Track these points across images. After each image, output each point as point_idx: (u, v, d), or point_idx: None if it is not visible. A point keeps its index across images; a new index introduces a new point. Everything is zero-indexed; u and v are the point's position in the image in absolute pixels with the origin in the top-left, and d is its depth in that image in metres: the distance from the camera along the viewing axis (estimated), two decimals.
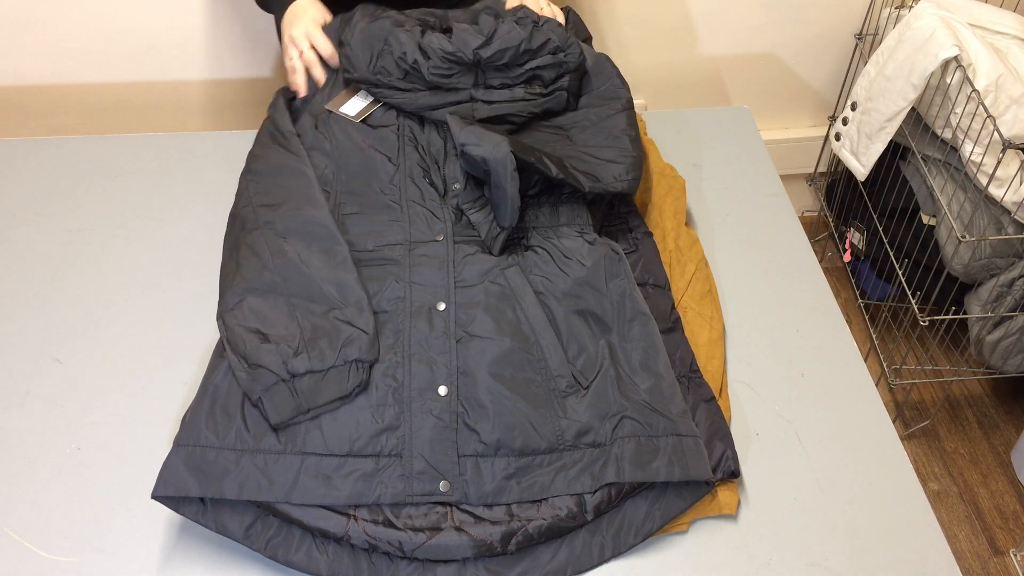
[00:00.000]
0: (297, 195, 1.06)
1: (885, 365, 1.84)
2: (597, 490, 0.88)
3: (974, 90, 1.40)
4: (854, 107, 1.63)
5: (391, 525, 0.86)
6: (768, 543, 0.90)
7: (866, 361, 1.07)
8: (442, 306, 0.97)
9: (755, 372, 1.06)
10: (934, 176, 1.63)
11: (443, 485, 0.87)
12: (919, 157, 1.63)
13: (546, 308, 0.98)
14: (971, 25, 1.50)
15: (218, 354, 0.96)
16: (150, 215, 1.25)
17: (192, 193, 1.29)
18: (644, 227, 1.12)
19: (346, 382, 0.91)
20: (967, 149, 1.47)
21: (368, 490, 0.86)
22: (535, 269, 1.01)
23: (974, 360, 1.78)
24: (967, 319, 1.69)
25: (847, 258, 1.90)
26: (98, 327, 1.10)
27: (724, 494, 0.92)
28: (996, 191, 1.48)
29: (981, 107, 1.40)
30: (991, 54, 1.43)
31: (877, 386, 1.10)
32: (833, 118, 1.94)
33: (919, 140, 1.63)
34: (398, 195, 1.08)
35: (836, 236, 1.99)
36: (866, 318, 1.95)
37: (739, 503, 0.93)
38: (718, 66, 1.82)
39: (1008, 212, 1.53)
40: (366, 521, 0.86)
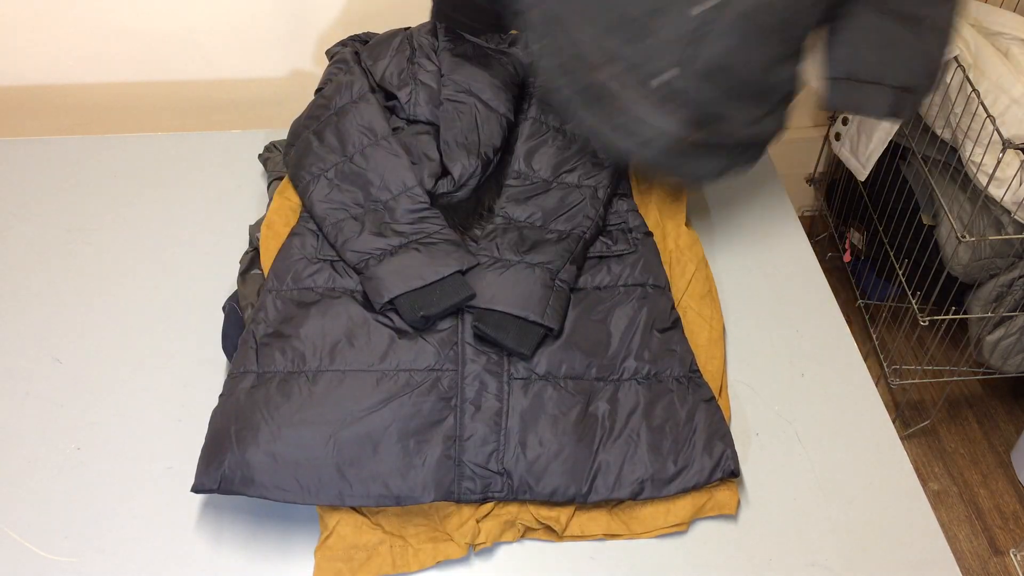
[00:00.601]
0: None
1: (885, 365, 1.84)
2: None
3: (974, 90, 1.40)
4: None
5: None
6: (768, 543, 0.90)
7: (866, 361, 1.07)
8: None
9: (755, 372, 1.06)
10: (934, 176, 1.63)
11: None
12: (919, 157, 1.63)
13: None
14: (971, 25, 1.50)
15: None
16: (150, 215, 1.25)
17: (192, 193, 1.29)
18: (644, 227, 1.12)
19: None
20: (967, 149, 1.47)
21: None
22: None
23: (974, 360, 1.78)
24: (967, 319, 1.69)
25: (847, 258, 1.91)
26: (98, 327, 1.10)
27: (724, 494, 0.92)
28: (996, 191, 1.48)
29: (981, 107, 1.40)
30: (991, 54, 1.43)
31: (877, 386, 1.10)
32: (833, 118, 1.94)
33: (919, 140, 1.63)
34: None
35: (836, 236, 1.99)
36: (866, 318, 1.95)
37: (739, 503, 0.93)
38: None
39: (1008, 212, 1.53)
40: None
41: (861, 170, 1.63)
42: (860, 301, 1.91)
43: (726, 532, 0.91)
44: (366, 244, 1.03)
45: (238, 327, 1.03)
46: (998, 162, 1.45)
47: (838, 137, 1.68)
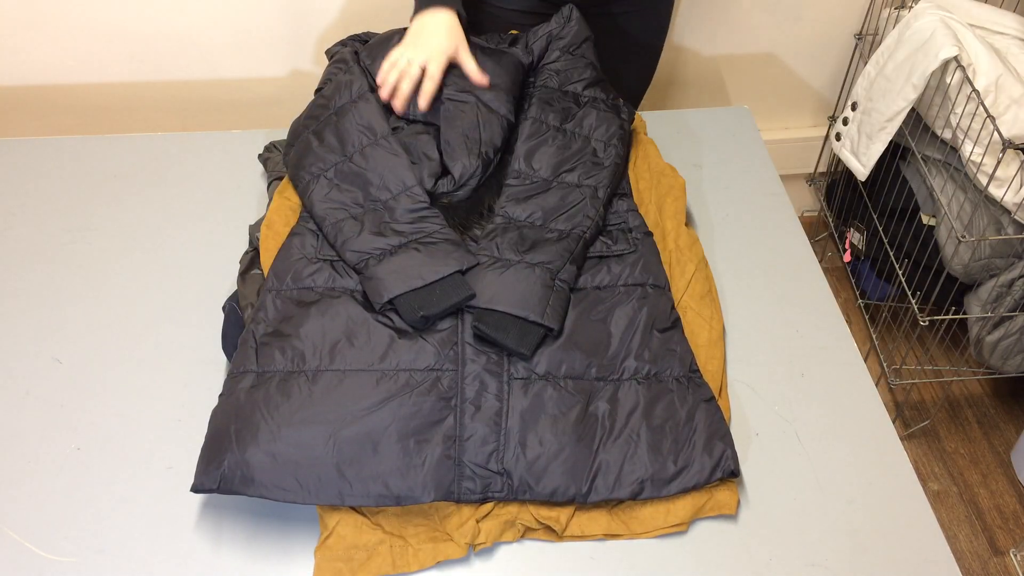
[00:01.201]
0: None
1: (885, 365, 1.84)
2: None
3: (974, 90, 1.40)
4: (854, 107, 1.63)
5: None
6: (768, 543, 0.90)
7: (866, 361, 1.07)
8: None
9: (755, 372, 1.06)
10: (934, 176, 1.63)
11: None
12: (919, 157, 1.63)
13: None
14: (971, 25, 1.50)
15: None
16: (150, 215, 1.25)
17: (192, 193, 1.29)
18: (644, 227, 1.12)
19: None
20: (967, 149, 1.47)
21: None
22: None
23: (974, 360, 1.78)
24: (967, 319, 1.69)
25: (847, 258, 1.90)
26: (98, 327, 1.10)
27: (724, 494, 0.92)
28: (996, 191, 1.48)
29: (981, 107, 1.40)
30: (991, 54, 1.43)
31: (877, 386, 1.10)
32: (833, 118, 1.94)
33: (919, 140, 1.63)
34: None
35: (836, 236, 1.99)
36: (866, 318, 1.95)
37: (739, 503, 0.93)
38: (718, 66, 1.82)
39: (1008, 212, 1.53)
40: None
41: (861, 170, 1.63)
42: (860, 301, 1.91)
43: (726, 532, 0.91)
44: (366, 244, 1.03)
45: (238, 327, 1.03)
46: (998, 162, 1.45)
47: (839, 137, 1.68)
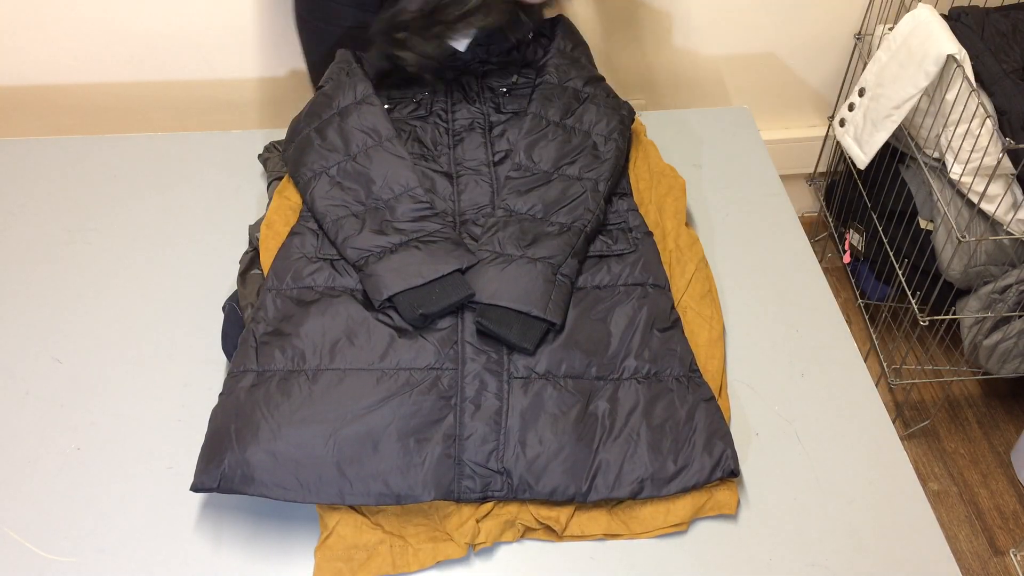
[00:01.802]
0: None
1: (885, 365, 1.84)
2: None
3: (974, 90, 1.40)
4: (861, 93, 1.62)
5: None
6: (768, 543, 0.90)
7: (866, 361, 1.07)
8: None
9: (755, 372, 1.06)
10: (933, 180, 1.63)
11: None
12: (919, 160, 1.63)
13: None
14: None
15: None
16: (150, 215, 1.25)
17: (192, 193, 1.29)
18: (644, 227, 1.12)
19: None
20: (956, 171, 1.48)
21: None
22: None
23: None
24: (963, 323, 1.69)
25: (847, 259, 1.90)
26: (98, 327, 1.10)
27: (724, 494, 0.92)
28: (988, 207, 1.49)
29: (981, 107, 1.40)
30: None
31: (877, 386, 1.10)
32: (832, 118, 1.94)
33: (918, 144, 1.63)
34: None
35: (836, 237, 1.99)
36: (866, 318, 1.95)
37: (739, 503, 0.93)
38: (718, 66, 1.82)
39: (1002, 224, 1.54)
40: None
41: (862, 157, 1.62)
42: (860, 301, 1.91)
43: (726, 532, 0.91)
44: (366, 241, 1.03)
45: (238, 327, 1.03)
46: (989, 179, 1.45)
47: (842, 123, 1.67)
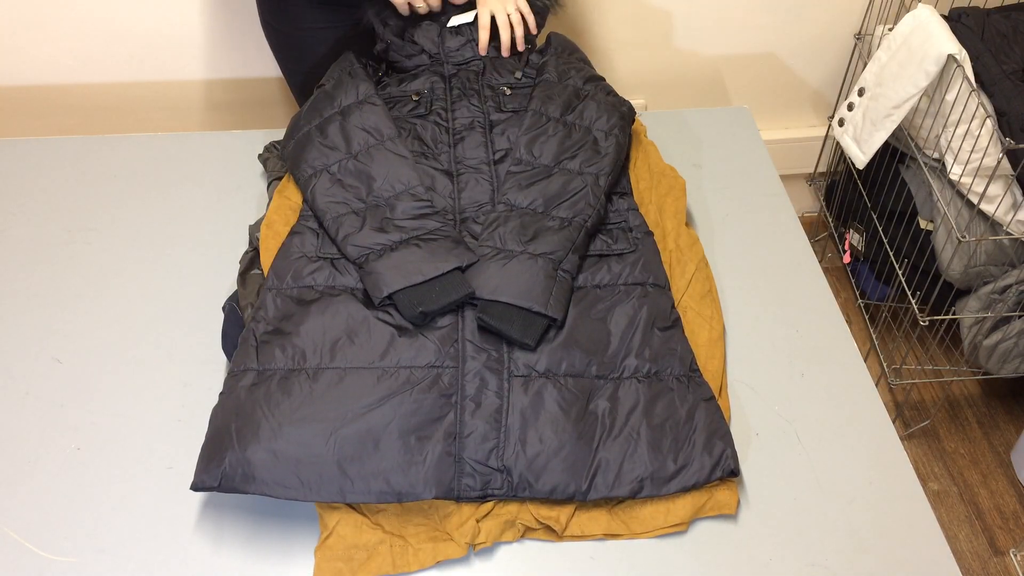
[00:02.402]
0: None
1: (885, 365, 1.84)
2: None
3: (974, 90, 1.40)
4: (861, 93, 1.62)
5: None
6: (768, 543, 0.90)
7: (866, 361, 1.07)
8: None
9: (755, 372, 1.06)
10: (933, 180, 1.62)
11: None
12: (919, 160, 1.63)
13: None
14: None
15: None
16: (150, 215, 1.25)
17: (192, 193, 1.29)
18: (644, 227, 1.12)
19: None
20: (956, 172, 1.48)
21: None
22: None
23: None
24: (962, 323, 1.69)
25: (847, 259, 1.90)
26: (98, 327, 1.10)
27: (724, 494, 0.92)
28: (987, 207, 1.49)
29: (981, 108, 1.40)
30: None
31: (877, 386, 1.10)
32: (832, 118, 1.94)
33: (918, 145, 1.63)
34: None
35: (836, 237, 1.99)
36: (866, 318, 1.95)
37: (739, 503, 0.93)
38: (718, 66, 1.82)
39: (1002, 225, 1.54)
40: None
41: (861, 157, 1.62)
42: (860, 301, 1.91)
43: (726, 532, 0.91)
44: (367, 239, 1.03)
45: (238, 327, 1.03)
46: (989, 180, 1.45)
47: (841, 123, 1.67)
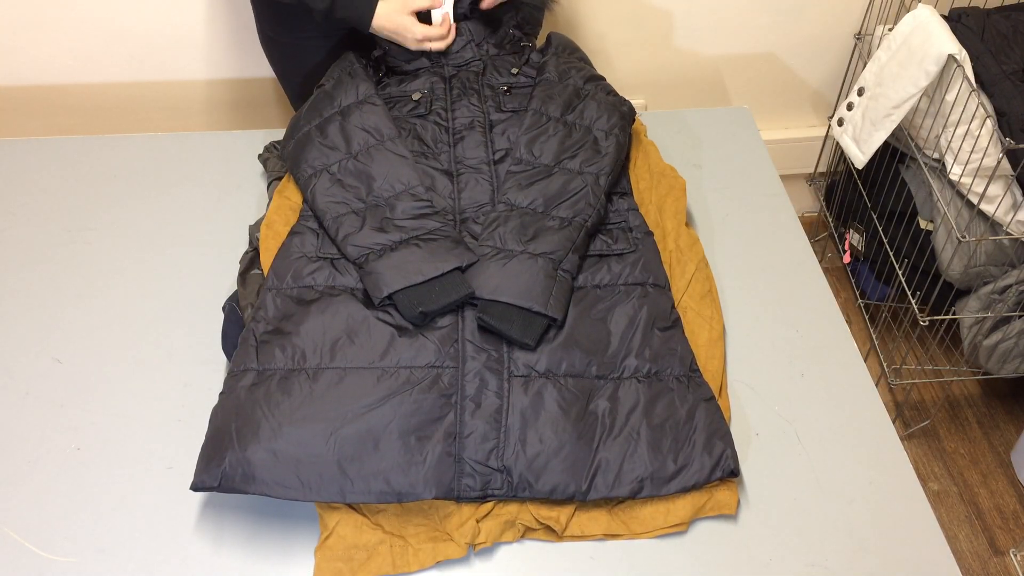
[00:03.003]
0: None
1: (885, 365, 1.84)
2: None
3: (974, 90, 1.40)
4: (861, 93, 1.62)
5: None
6: (768, 543, 0.90)
7: (866, 361, 1.07)
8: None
9: (755, 372, 1.06)
10: (933, 180, 1.62)
11: None
12: (919, 160, 1.63)
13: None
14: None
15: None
16: (150, 215, 1.25)
17: (192, 193, 1.29)
18: (644, 227, 1.12)
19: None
20: (956, 172, 1.48)
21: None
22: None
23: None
24: (962, 323, 1.69)
25: (847, 259, 1.90)
26: (98, 327, 1.10)
27: (724, 494, 0.92)
28: (987, 207, 1.49)
29: (981, 108, 1.40)
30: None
31: (877, 386, 1.10)
32: (832, 118, 1.94)
33: (918, 145, 1.63)
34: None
35: (836, 237, 1.99)
36: (866, 318, 1.95)
37: (739, 503, 0.93)
38: (718, 66, 1.82)
39: (1002, 225, 1.54)
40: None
41: (860, 157, 1.62)
42: (860, 301, 1.91)
43: (726, 532, 0.91)
44: (367, 239, 1.03)
45: (238, 327, 1.03)
46: (989, 180, 1.44)
47: (841, 123, 1.67)
